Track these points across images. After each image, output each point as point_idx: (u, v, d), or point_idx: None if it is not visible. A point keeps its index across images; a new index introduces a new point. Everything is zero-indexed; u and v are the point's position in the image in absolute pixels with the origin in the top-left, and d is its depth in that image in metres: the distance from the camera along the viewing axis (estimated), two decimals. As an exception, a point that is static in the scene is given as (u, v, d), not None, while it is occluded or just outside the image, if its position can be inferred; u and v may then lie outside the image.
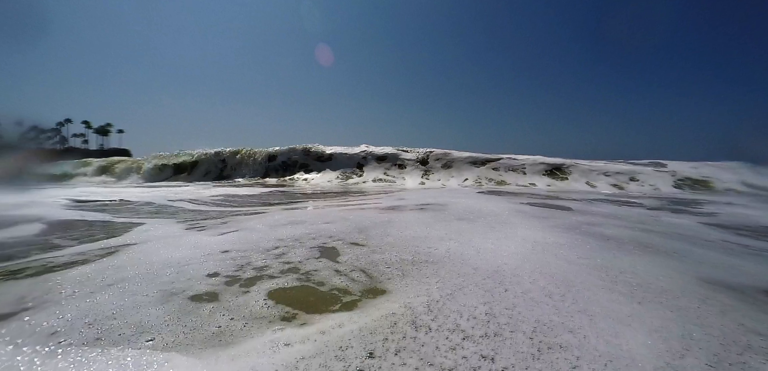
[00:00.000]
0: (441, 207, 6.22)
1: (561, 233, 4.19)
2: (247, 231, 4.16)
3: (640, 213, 6.61)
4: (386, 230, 4.02)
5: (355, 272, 2.58)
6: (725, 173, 15.84)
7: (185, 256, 3.03)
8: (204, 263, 2.79)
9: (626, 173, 16.11)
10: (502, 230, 4.16)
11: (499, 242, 3.52)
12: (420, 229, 4.12)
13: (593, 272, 2.67)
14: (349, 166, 18.03)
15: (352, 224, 4.38)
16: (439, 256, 3.00)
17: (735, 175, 15.57)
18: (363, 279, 2.45)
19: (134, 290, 2.22)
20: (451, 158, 17.68)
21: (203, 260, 2.89)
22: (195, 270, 2.60)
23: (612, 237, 4.09)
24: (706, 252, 3.51)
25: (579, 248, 3.46)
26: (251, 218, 5.29)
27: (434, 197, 8.44)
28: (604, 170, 16.39)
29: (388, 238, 3.63)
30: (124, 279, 2.42)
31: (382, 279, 2.44)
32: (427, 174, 16.86)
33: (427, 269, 2.63)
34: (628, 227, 4.79)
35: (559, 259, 2.99)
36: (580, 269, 2.73)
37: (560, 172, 16.63)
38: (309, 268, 2.66)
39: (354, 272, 2.57)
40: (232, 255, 3.01)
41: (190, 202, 7.69)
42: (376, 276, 2.49)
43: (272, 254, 3.04)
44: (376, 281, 2.40)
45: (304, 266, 2.70)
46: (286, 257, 2.93)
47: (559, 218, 5.46)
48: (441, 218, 4.94)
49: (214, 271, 2.58)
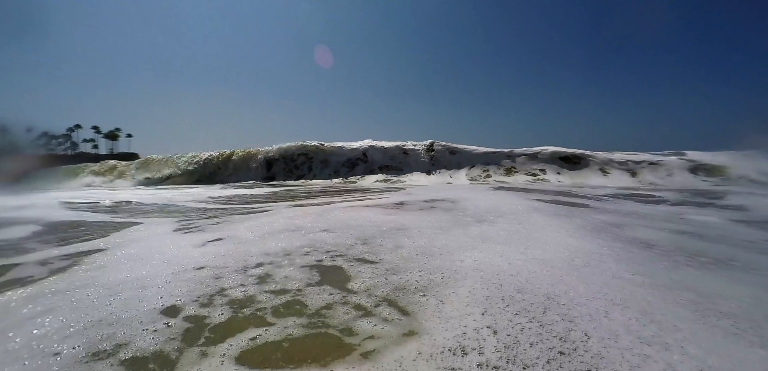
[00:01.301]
0: (453, 205, 5.61)
1: (593, 237, 3.58)
2: (232, 240, 3.55)
3: (665, 211, 6.02)
4: (397, 240, 3.39)
5: (382, 306, 1.92)
6: (742, 161, 15.22)
7: (149, 275, 2.43)
8: (166, 287, 2.18)
9: (639, 162, 15.50)
10: (529, 234, 3.55)
11: (532, 252, 2.90)
12: (437, 236, 3.51)
13: (667, 295, 2.05)
14: (350, 162, 17.36)
15: (357, 233, 3.75)
16: (468, 271, 2.40)
17: (752, 163, 14.97)
18: (395, 316, 1.80)
19: (42, 344, 1.57)
20: (457, 151, 17.00)
21: (167, 282, 2.27)
22: (150, 302, 1.97)
23: (653, 243, 3.47)
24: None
25: (626, 259, 2.84)
26: (247, 218, 4.69)
27: (443, 193, 7.81)
28: (619, 160, 15.77)
29: (402, 250, 3.01)
30: (51, 310, 1.81)
31: (418, 312, 1.83)
32: (433, 169, 16.24)
33: (461, 292, 2.03)
34: (662, 230, 4.19)
35: (615, 277, 2.37)
36: (648, 292, 2.12)
37: (573, 162, 16.01)
38: (310, 302, 2.00)
39: (380, 308, 1.90)
40: (205, 275, 2.40)
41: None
42: (411, 310, 1.86)
43: (256, 275, 2.42)
44: (413, 318, 1.78)
45: (302, 298, 2.06)
46: (275, 283, 2.30)
47: (581, 216, 4.86)
48: (457, 220, 4.33)
49: (174, 303, 1.96)
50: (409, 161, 16.81)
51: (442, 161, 16.60)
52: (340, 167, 17.21)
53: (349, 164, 17.22)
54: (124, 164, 21.31)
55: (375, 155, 17.29)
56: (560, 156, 16.20)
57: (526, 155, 16.52)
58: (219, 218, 5.53)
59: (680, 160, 15.81)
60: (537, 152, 16.54)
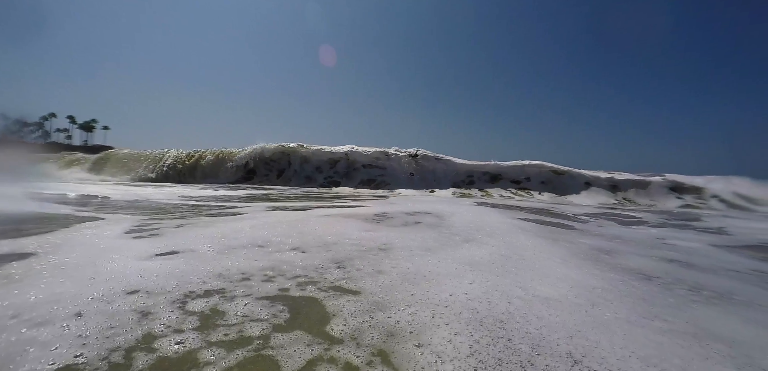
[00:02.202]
0: (439, 221, 5.25)
1: (588, 267, 3.32)
2: (185, 255, 3.02)
3: (646, 235, 5.98)
4: (378, 263, 2.96)
5: (375, 364, 1.46)
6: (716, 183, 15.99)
7: (62, 298, 1.89)
8: (72, 327, 1.63)
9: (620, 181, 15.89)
10: (521, 260, 3.22)
11: (531, 285, 2.56)
12: (423, 259, 3.11)
13: (698, 348, 1.75)
14: (331, 166, 16.75)
15: (332, 253, 3.28)
16: (463, 311, 2.00)
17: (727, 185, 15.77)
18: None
19: None
20: (441, 160, 16.83)
21: (77, 317, 1.73)
22: (34, 357, 1.43)
23: (649, 274, 3.26)
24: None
25: (630, 296, 2.56)
26: (212, 223, 4.14)
27: (427, 205, 7.48)
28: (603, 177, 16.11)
29: (384, 276, 2.58)
30: None
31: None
32: (417, 177, 15.96)
33: (462, 346, 1.62)
34: (651, 257, 4.03)
35: (631, 322, 2.06)
36: (676, 344, 1.81)
37: (555, 177, 16.21)
38: (282, 360, 1.47)
39: (374, 368, 1.44)
40: (134, 306, 1.88)
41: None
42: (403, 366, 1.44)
43: (202, 311, 1.92)
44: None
45: (270, 352, 1.53)
46: (228, 326, 1.79)
47: (569, 240, 4.65)
48: (444, 240, 3.96)
49: (66, 364, 1.41)
50: (391, 168, 16.42)
51: (426, 169, 16.36)
52: (320, 170, 16.57)
53: (329, 168, 16.64)
54: (79, 156, 19.74)
55: (357, 159, 16.76)
56: (542, 171, 16.38)
57: (510, 168, 16.60)
58: (183, 221, 4.96)
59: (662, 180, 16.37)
60: (521, 165, 16.64)
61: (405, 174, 16.00)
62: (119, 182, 15.84)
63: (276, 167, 16.90)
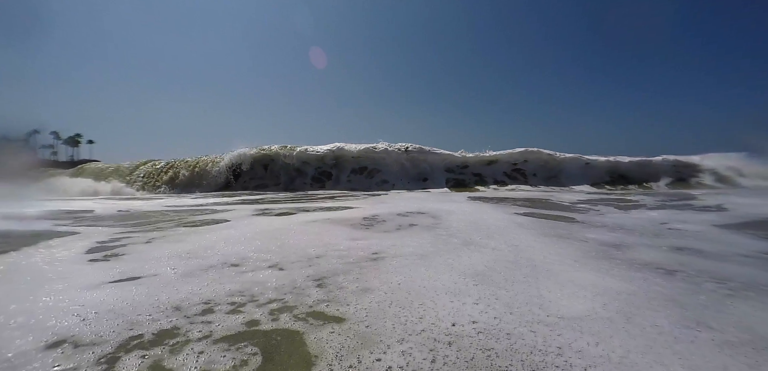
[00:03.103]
0: (434, 221, 4.87)
1: (602, 267, 2.98)
2: (144, 281, 2.58)
3: (648, 220, 5.81)
4: (365, 278, 2.55)
5: None
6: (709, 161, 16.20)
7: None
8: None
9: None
10: (530, 266, 2.85)
11: (550, 298, 2.19)
12: (417, 270, 2.71)
13: (764, 365, 1.42)
14: (320, 166, 16.13)
15: (313, 268, 2.88)
16: (471, 346, 1.61)
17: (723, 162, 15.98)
18: None
19: None
20: (433, 154, 16.35)
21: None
22: None
23: (669, 269, 2.98)
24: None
25: (660, 299, 2.26)
26: (187, 235, 3.67)
27: (420, 203, 7.09)
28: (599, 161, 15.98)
29: (371, 295, 2.18)
30: None
31: None
32: (410, 173, 15.55)
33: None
34: (660, 248, 3.75)
35: (678, 339, 1.72)
36: (736, 361, 1.48)
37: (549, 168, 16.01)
38: None
39: None
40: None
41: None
42: None
43: (140, 367, 1.52)
44: None
45: None
46: None
47: (573, 235, 4.32)
48: (441, 244, 3.57)
49: None
50: (382, 164, 15.90)
51: (418, 164, 15.90)
52: (306, 171, 15.97)
53: (316, 169, 16.06)
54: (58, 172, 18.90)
55: (345, 157, 16.07)
56: (535, 157, 16.15)
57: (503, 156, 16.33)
58: (158, 234, 4.57)
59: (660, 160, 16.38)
60: (513, 153, 16.39)
61: (397, 170, 15.53)
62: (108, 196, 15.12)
63: (259, 172, 16.21)
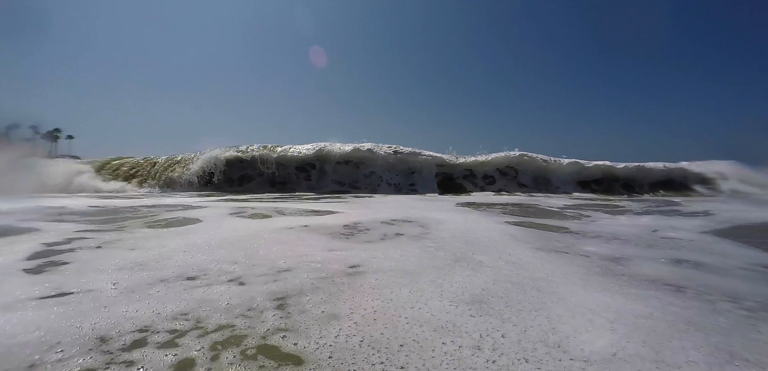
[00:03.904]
0: (422, 231, 4.49)
1: (614, 286, 2.71)
2: (75, 299, 2.16)
3: (638, 228, 5.71)
4: (336, 299, 2.17)
5: None
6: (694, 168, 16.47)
7: None
8: None
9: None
10: (537, 293, 2.51)
11: (565, 330, 1.84)
12: (399, 292, 2.34)
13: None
14: (298, 169, 15.10)
15: (278, 285, 2.48)
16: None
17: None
18: None
19: None
20: (421, 156, 15.93)
21: None
22: None
23: (676, 284, 2.78)
24: None
25: (679, 322, 2.04)
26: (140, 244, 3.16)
27: (408, 210, 6.71)
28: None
29: (339, 324, 1.80)
30: None
31: None
32: (395, 175, 15.13)
33: None
34: (660, 260, 3.57)
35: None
36: None
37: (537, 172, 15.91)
38: None
39: None
40: None
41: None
42: None
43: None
44: None
45: None
46: None
47: (571, 247, 4.03)
48: (429, 259, 3.19)
49: None
50: (369, 166, 15.36)
51: (407, 166, 15.46)
52: (287, 172, 15.22)
53: (299, 170, 15.32)
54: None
55: (330, 157, 15.10)
56: (523, 161, 16.02)
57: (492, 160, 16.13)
58: (113, 236, 4.15)
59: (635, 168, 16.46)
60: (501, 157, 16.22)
61: (384, 171, 15.12)
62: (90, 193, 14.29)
63: (237, 174, 14.91)
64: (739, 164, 17.23)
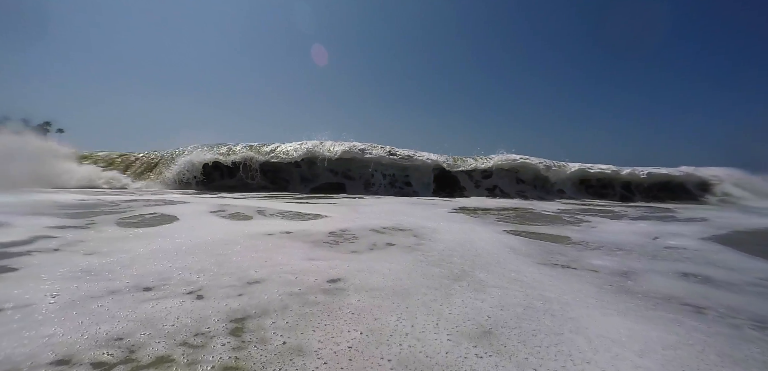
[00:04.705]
0: (416, 241, 4.13)
1: (631, 307, 2.42)
2: (5, 317, 1.80)
3: (639, 236, 5.48)
4: (305, 325, 1.81)
5: None
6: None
7: None
8: None
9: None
10: (552, 318, 2.16)
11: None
12: (389, 321, 1.96)
13: None
14: (287, 170, 14.15)
15: (246, 298, 2.15)
16: None
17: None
18: None
19: None
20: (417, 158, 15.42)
21: None
22: None
23: (694, 304, 2.56)
24: None
25: (711, 353, 1.82)
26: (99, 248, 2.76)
27: (401, 216, 6.33)
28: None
29: (307, 365, 1.45)
30: None
31: None
32: (389, 177, 14.69)
33: None
34: (669, 274, 3.37)
35: None
36: None
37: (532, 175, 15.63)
38: None
39: None
40: None
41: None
42: None
43: None
44: None
45: None
46: None
47: (576, 259, 3.70)
48: (425, 278, 2.79)
49: None
50: (362, 167, 14.81)
51: (402, 167, 15.03)
52: (277, 173, 14.39)
53: (288, 171, 14.27)
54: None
55: (322, 157, 14.21)
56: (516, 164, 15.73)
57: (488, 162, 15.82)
58: (73, 237, 3.82)
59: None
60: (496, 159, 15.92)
61: (378, 173, 14.67)
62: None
63: (219, 173, 13.78)
64: (739, 170, 17.20)
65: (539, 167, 15.65)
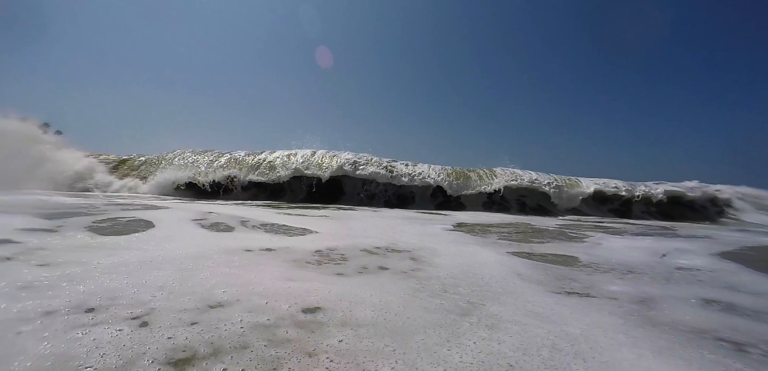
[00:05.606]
0: (413, 265, 3.69)
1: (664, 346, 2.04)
2: None
3: (647, 254, 5.17)
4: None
5: None
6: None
7: None
8: None
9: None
10: (582, 363, 1.78)
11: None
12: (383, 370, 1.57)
13: None
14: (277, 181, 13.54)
15: (200, 328, 1.77)
16: None
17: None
18: None
19: None
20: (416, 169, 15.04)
21: None
22: None
23: (728, 339, 2.23)
24: None
25: None
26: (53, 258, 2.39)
27: (396, 232, 5.95)
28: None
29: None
30: None
31: None
32: (387, 191, 14.31)
33: None
34: (693, 302, 3.00)
35: None
36: None
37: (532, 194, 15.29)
38: None
39: None
40: None
41: None
42: None
43: None
44: None
45: None
46: None
47: (591, 287, 3.27)
48: (425, 309, 2.42)
49: None
50: (357, 179, 14.04)
51: (400, 180, 14.61)
52: (264, 187, 13.71)
53: (278, 181, 13.59)
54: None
55: (314, 170, 13.61)
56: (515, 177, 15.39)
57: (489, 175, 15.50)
58: (37, 241, 3.48)
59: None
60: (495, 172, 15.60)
61: (375, 186, 14.28)
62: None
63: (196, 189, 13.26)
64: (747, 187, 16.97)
65: (547, 190, 14.95)
